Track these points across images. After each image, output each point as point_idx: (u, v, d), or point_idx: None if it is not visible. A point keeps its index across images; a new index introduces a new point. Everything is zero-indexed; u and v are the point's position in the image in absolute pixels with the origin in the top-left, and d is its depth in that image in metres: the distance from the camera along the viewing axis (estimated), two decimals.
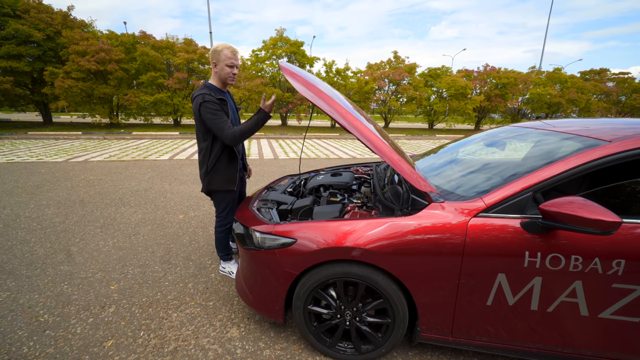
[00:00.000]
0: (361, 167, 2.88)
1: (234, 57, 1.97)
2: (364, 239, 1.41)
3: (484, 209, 1.36)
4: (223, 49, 1.95)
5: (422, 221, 1.40)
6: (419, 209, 1.47)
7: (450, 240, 1.35)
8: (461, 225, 1.35)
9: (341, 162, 7.81)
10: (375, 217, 1.53)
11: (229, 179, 2.11)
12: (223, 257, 2.38)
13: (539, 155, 1.55)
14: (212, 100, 1.92)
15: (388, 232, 1.41)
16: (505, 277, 1.33)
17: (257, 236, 1.64)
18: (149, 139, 11.39)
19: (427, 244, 1.37)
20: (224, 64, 1.97)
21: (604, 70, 22.38)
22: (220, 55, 1.95)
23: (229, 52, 1.95)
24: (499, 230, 1.33)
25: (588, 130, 1.56)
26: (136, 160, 7.20)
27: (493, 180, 1.51)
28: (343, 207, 1.76)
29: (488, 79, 18.90)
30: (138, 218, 3.52)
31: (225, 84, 2.05)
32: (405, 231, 1.39)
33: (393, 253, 1.39)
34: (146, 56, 13.51)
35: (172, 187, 4.85)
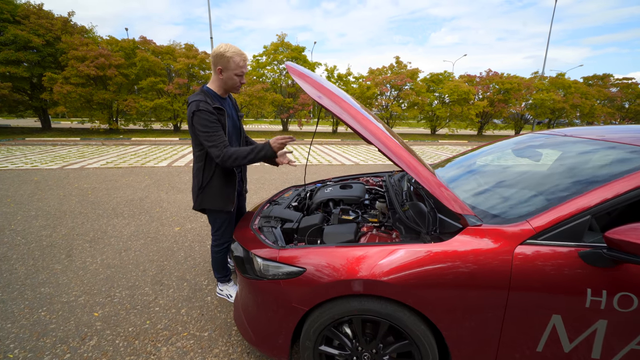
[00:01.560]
0: (371, 177, 2.66)
1: (244, 66, 1.74)
2: (386, 270, 1.18)
3: (533, 235, 1.13)
4: (233, 55, 1.68)
5: (457, 249, 1.17)
6: (451, 233, 1.24)
7: (493, 273, 1.12)
8: (505, 253, 1.12)
9: (344, 169, 7.59)
10: (398, 242, 1.30)
11: (226, 199, 1.87)
12: (220, 278, 2.14)
13: (590, 169, 1.33)
14: (207, 109, 1.67)
15: (415, 261, 1.18)
16: (560, 319, 1.10)
17: (258, 262, 1.41)
18: (148, 145, 11.20)
19: (464, 277, 1.14)
20: (232, 73, 1.72)
21: (608, 76, 22.26)
22: (229, 62, 1.69)
23: (240, 60, 1.70)
24: (552, 261, 1.09)
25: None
26: (133, 167, 6.99)
27: (539, 198, 1.29)
28: (358, 228, 1.53)
29: (491, 84, 18.77)
30: (131, 231, 3.29)
31: (227, 91, 1.83)
32: (437, 261, 1.16)
33: (422, 287, 1.16)
34: (146, 61, 13.39)
35: (168, 196, 4.63)
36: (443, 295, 1.16)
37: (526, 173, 1.58)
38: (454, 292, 1.15)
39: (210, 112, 1.68)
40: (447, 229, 1.29)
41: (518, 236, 1.14)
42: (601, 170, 1.27)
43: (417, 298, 1.17)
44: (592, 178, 1.24)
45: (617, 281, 1.04)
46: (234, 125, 1.92)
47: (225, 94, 1.86)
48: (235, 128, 1.93)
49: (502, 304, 1.13)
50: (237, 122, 1.96)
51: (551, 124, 22.78)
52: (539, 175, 1.49)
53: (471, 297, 1.14)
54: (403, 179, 2.35)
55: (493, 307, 1.13)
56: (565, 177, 1.37)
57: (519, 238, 1.14)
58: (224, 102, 1.86)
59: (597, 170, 1.29)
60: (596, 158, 1.38)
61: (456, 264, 1.15)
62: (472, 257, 1.14)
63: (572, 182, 1.30)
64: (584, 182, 1.24)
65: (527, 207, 1.26)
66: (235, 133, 1.94)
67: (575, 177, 1.31)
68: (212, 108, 1.70)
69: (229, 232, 2.01)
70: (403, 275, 1.17)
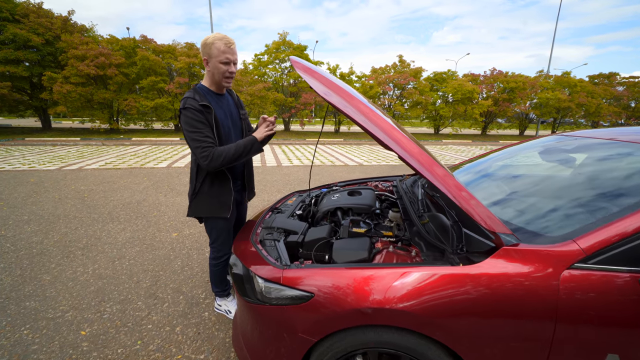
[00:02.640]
0: (380, 181, 2.48)
1: (229, 51, 1.53)
2: (408, 297, 1.01)
3: (582, 258, 0.96)
4: (214, 40, 1.51)
5: (491, 272, 1.00)
6: (482, 252, 1.07)
7: (537, 302, 0.95)
8: (550, 279, 0.95)
9: (348, 170, 7.41)
10: (420, 263, 1.12)
11: (221, 205, 1.70)
12: (218, 293, 1.98)
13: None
14: (193, 107, 1.51)
15: (442, 288, 1.01)
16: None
17: (259, 283, 1.24)
18: (148, 145, 11.07)
19: (503, 307, 0.97)
20: (216, 61, 1.54)
21: (614, 75, 21.94)
22: (211, 49, 1.53)
23: (221, 45, 1.51)
24: (607, 289, 0.92)
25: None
26: (132, 168, 6.84)
27: (584, 213, 1.11)
28: (372, 244, 1.36)
29: (495, 83, 18.52)
30: (126, 237, 3.13)
31: (219, 85, 1.65)
32: (469, 287, 0.99)
33: (451, 318, 0.99)
34: (146, 60, 13.25)
35: (167, 199, 4.47)
36: (477, 329, 0.99)
37: (563, 181, 1.40)
38: (490, 325, 0.98)
39: (196, 109, 1.52)
40: (476, 248, 1.12)
41: (565, 259, 0.97)
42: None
43: (445, 331, 1.00)
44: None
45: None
46: (235, 125, 1.75)
47: (220, 89, 1.68)
48: (236, 127, 1.76)
49: (547, 339, 0.95)
50: (238, 122, 1.78)
51: (556, 123, 22.51)
52: (579, 184, 1.31)
53: (509, 331, 0.97)
54: (416, 184, 2.18)
55: (536, 342, 0.96)
56: (613, 187, 1.19)
57: (566, 261, 0.96)
58: (221, 99, 1.68)
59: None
60: None
61: (492, 291, 0.98)
62: (512, 283, 0.97)
63: (623, 193, 1.12)
64: (638, 194, 1.06)
65: (572, 223, 1.08)
66: (236, 132, 1.77)
67: (627, 188, 1.14)
68: (199, 106, 1.53)
69: (228, 244, 1.84)
70: (428, 303, 1.00)
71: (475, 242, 1.15)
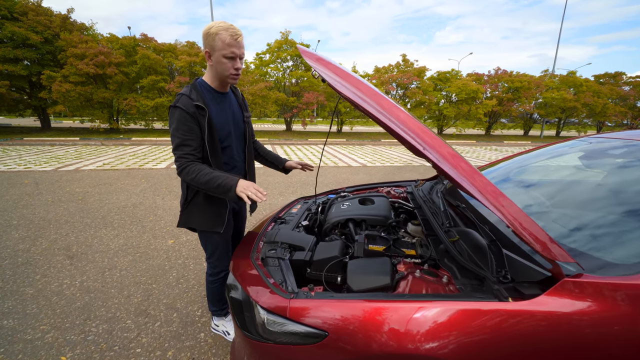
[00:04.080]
0: (392, 187, 2.28)
1: (235, 44, 1.30)
2: (447, 340, 0.81)
3: None
4: (218, 30, 1.28)
5: (553, 311, 0.80)
6: (536, 283, 0.87)
7: (613, 346, 0.75)
8: (628, 317, 0.75)
9: (351, 172, 7.20)
10: (458, 296, 0.91)
11: (214, 218, 1.50)
12: (216, 312, 1.78)
13: None
14: (184, 108, 1.31)
15: (491, 329, 0.81)
16: None
17: (261, 314, 1.04)
18: (148, 145, 10.90)
19: (569, 353, 0.77)
20: (220, 55, 1.31)
21: (620, 74, 21.61)
22: (214, 40, 1.30)
23: (226, 36, 1.27)
24: None
25: None
26: (130, 169, 6.66)
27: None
28: (394, 266, 1.16)
29: (500, 82, 18.27)
30: (119, 244, 2.94)
31: (223, 82, 1.43)
32: (524, 331, 0.79)
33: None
34: (147, 59, 13.08)
35: (164, 202, 4.28)
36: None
37: (621, 193, 1.19)
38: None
39: (187, 112, 1.31)
40: (525, 276, 0.92)
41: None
42: None
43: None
44: None
45: None
46: (237, 128, 1.53)
47: (223, 86, 1.46)
48: (237, 131, 1.54)
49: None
50: (241, 124, 1.56)
51: (561, 123, 22.22)
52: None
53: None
54: (434, 191, 1.98)
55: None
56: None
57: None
58: (222, 98, 1.47)
59: None
60: None
61: (560, 337, 0.78)
62: (576, 322, 0.77)
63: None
64: None
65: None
66: (238, 136, 1.55)
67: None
68: (192, 106, 1.32)
69: (225, 258, 1.64)
70: (473, 349, 0.80)
71: (524, 269, 0.95)
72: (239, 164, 1.57)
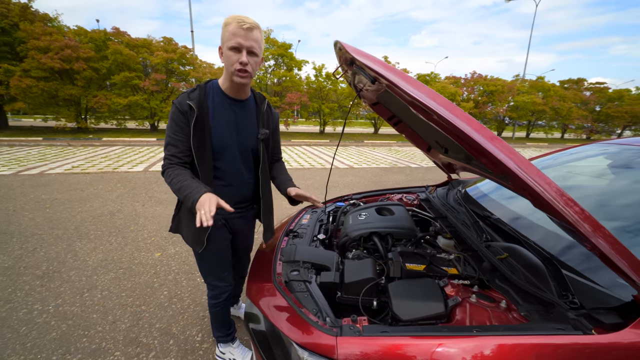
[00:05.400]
0: (403, 194, 2.17)
1: (240, 34, 1.11)
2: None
3: None
4: (229, 21, 1.13)
5: None
6: (612, 310, 0.79)
7: None
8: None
9: (340, 174, 7.10)
10: (533, 328, 0.80)
11: (195, 236, 1.30)
12: (221, 338, 1.58)
13: None
14: (177, 105, 1.19)
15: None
16: None
17: (299, 354, 0.88)
18: (121, 146, 10.22)
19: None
20: (226, 48, 1.15)
21: (582, 80, 23.19)
22: (224, 33, 1.14)
23: (235, 27, 1.11)
24: None
25: None
26: (104, 172, 6.16)
27: None
28: (443, 290, 1.04)
29: (476, 86, 18.97)
30: (98, 259, 2.63)
31: (234, 83, 1.20)
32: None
33: None
34: (119, 55, 12.28)
35: (146, 210, 3.95)
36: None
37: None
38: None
39: (179, 110, 1.18)
40: (593, 301, 0.83)
41: None
42: None
43: None
44: None
45: None
46: (242, 143, 1.31)
47: (236, 90, 1.25)
48: (243, 147, 1.31)
49: None
50: (249, 141, 1.32)
51: (530, 125, 23.46)
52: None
53: None
54: (450, 198, 1.89)
55: None
56: None
57: None
58: (234, 106, 1.27)
59: None
60: None
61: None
62: None
63: None
64: None
65: None
66: (244, 155, 1.33)
67: None
68: (186, 104, 1.18)
69: (224, 278, 1.45)
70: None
71: (595, 293, 0.86)
72: (239, 184, 1.36)
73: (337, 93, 16.82)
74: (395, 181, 6.45)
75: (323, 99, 16.42)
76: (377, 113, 1.95)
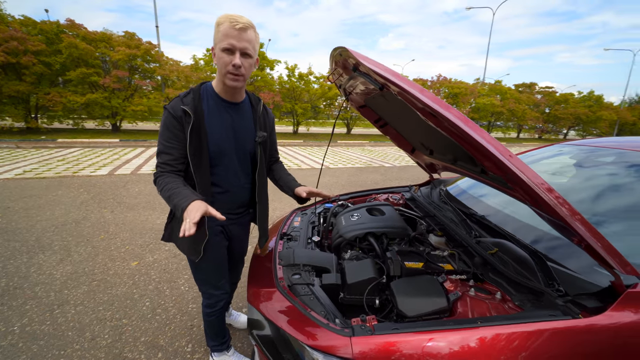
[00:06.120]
0: (388, 193, 2.25)
1: (233, 34, 1.07)
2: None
3: None
4: (221, 21, 1.09)
5: (624, 322, 0.81)
6: (592, 296, 0.89)
7: None
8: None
9: (316, 174, 7.14)
10: (531, 317, 0.87)
11: (191, 245, 1.26)
12: (215, 347, 1.54)
13: None
14: (171, 110, 1.14)
15: (570, 349, 0.79)
16: None
17: (313, 357, 0.89)
18: (79, 148, 9.45)
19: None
20: (218, 49, 1.11)
21: (534, 84, 25.27)
22: (216, 34, 1.11)
23: (226, 26, 1.07)
24: None
25: None
26: (62, 176, 5.67)
27: None
28: (443, 285, 1.10)
29: (441, 88, 19.96)
30: (66, 272, 2.43)
31: (227, 85, 1.17)
32: (598, 347, 0.79)
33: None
34: (75, 49, 11.33)
35: (115, 216, 3.70)
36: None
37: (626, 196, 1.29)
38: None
39: (172, 115, 1.14)
40: (575, 288, 0.94)
41: None
42: None
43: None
44: None
45: None
46: (240, 146, 1.28)
47: (230, 93, 1.22)
48: (241, 151, 1.29)
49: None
50: (247, 144, 1.30)
51: (490, 126, 25.15)
52: None
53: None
54: (434, 197, 1.99)
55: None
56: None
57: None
58: (229, 109, 1.24)
59: None
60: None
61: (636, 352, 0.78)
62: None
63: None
64: None
65: None
66: (241, 158, 1.30)
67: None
68: (180, 109, 1.13)
69: (220, 287, 1.42)
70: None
71: (576, 281, 0.97)
72: (236, 189, 1.33)
73: (310, 93, 16.86)
74: (372, 180, 6.61)
75: (296, 99, 16.37)
76: (364, 115, 2.01)
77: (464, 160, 1.42)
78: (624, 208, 1.25)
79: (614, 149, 1.60)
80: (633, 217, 1.18)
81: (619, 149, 1.56)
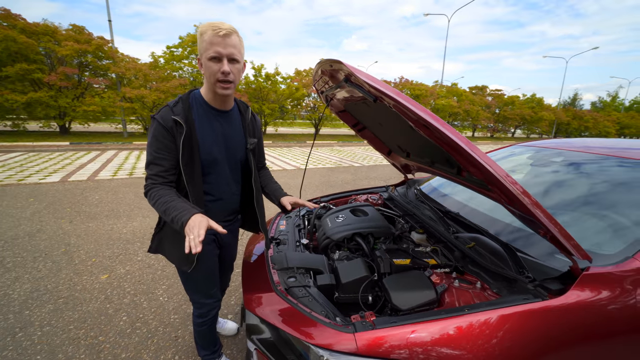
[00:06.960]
0: (367, 194, 2.35)
1: (218, 42, 1.06)
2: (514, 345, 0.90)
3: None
4: (204, 29, 1.08)
5: (584, 300, 0.96)
6: (555, 279, 1.04)
7: (628, 322, 0.95)
8: (629, 299, 0.97)
9: (289, 175, 7.14)
10: (509, 301, 1.00)
11: (183, 256, 1.23)
12: (208, 356, 1.52)
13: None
14: (161, 121, 1.11)
15: (545, 326, 0.93)
16: None
17: (319, 354, 0.94)
18: (22, 152, 8.49)
19: (594, 337, 0.95)
20: (205, 58, 1.10)
21: (485, 87, 27.40)
22: (201, 43, 1.10)
23: (210, 35, 1.06)
24: None
25: None
26: (5, 184, 5.08)
27: (625, 226, 1.19)
28: (430, 279, 1.20)
29: (404, 90, 20.87)
30: (25, 290, 2.22)
31: (217, 94, 1.17)
32: (564, 323, 0.94)
33: None
34: (13, 42, 10.15)
35: (76, 227, 3.42)
36: None
37: (581, 192, 1.50)
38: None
39: (162, 126, 1.11)
40: (540, 274, 1.08)
41: (636, 276, 1.00)
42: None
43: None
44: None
45: None
46: (231, 155, 1.28)
47: (220, 101, 1.21)
48: (232, 159, 1.29)
49: None
50: (238, 152, 1.30)
51: None
52: (607, 195, 1.40)
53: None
54: (410, 196, 2.13)
55: None
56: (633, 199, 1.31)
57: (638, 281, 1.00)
58: (219, 117, 1.24)
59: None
60: None
61: (586, 324, 0.95)
62: (604, 311, 0.96)
63: None
64: None
65: (622, 240, 1.14)
66: (232, 166, 1.31)
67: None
68: (170, 119, 1.12)
69: (212, 295, 1.41)
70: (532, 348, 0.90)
71: (541, 267, 1.12)
72: (227, 197, 1.33)
73: (277, 94, 16.73)
74: (344, 180, 6.76)
75: (263, 100, 16.15)
76: (343, 119, 2.09)
77: (441, 163, 1.55)
78: (570, 201, 1.46)
79: (560, 149, 1.84)
80: (577, 209, 1.39)
81: (562, 149, 1.81)
